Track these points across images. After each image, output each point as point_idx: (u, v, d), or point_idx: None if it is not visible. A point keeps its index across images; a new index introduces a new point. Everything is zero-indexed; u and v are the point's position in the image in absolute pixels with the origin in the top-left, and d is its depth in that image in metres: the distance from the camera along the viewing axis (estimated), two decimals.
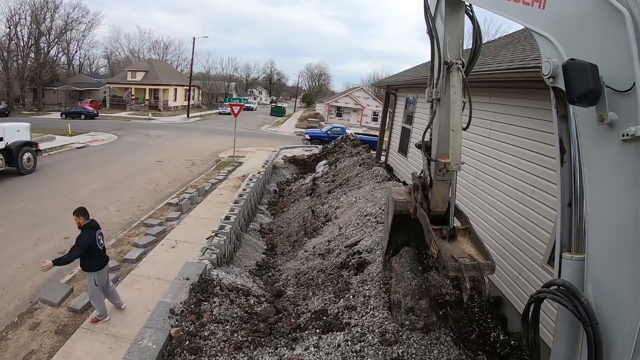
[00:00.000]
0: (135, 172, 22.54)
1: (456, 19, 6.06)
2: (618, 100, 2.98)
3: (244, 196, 16.57)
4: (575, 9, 3.41)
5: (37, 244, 12.43)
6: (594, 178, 3.31)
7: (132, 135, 37.82)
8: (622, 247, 3.04)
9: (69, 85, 72.82)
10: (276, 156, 29.57)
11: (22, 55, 65.10)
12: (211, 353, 6.56)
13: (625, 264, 3.01)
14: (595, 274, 3.28)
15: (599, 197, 3.28)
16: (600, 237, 3.26)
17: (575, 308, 3.20)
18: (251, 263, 12.47)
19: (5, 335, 8.14)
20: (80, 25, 78.89)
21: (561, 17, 3.58)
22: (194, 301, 8.01)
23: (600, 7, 3.13)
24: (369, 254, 9.76)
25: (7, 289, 9.81)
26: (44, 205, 16.11)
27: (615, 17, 2.99)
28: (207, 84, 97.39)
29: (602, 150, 3.18)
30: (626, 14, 2.91)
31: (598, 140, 3.21)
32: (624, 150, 2.96)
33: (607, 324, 3.09)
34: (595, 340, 3.04)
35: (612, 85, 3.00)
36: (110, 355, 7.38)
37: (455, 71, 5.86)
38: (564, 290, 3.38)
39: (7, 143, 19.78)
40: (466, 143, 10.06)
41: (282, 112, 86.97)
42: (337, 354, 6.16)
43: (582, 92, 3.00)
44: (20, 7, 63.67)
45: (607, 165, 3.17)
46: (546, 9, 3.71)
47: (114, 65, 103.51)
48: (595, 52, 3.17)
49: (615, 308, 3.07)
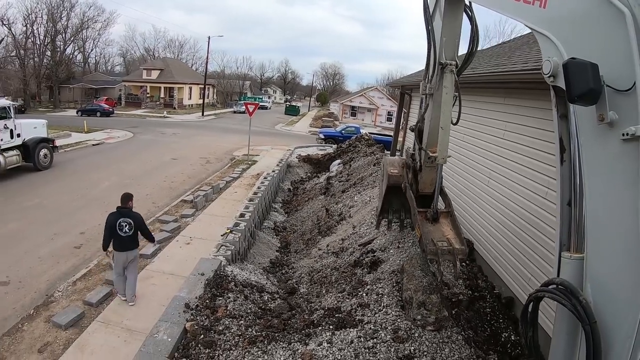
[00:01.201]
0: (151, 169, 22.78)
1: (455, 17, 6.27)
2: (618, 99, 3.01)
3: (259, 194, 16.68)
4: (576, 8, 3.44)
5: (54, 238, 12.63)
6: (593, 177, 3.34)
7: (147, 133, 38.20)
8: (622, 246, 3.06)
9: (84, 83, 73.67)
10: (290, 155, 29.67)
11: (38, 53, 66.09)
12: (225, 347, 6.66)
13: (624, 263, 3.04)
14: (594, 273, 3.32)
15: (599, 196, 3.30)
16: (600, 236, 3.30)
17: (574, 307, 3.24)
18: (265, 260, 12.56)
19: (21, 327, 8.30)
20: (96, 23, 79.75)
21: (562, 16, 3.61)
22: (209, 296, 8.14)
23: (601, 7, 3.15)
24: (383, 252, 9.83)
25: (23, 282, 9.99)
26: (60, 201, 16.36)
27: (616, 16, 3.02)
28: (222, 83, 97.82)
29: (602, 149, 3.21)
30: (627, 14, 2.93)
31: (598, 139, 3.24)
32: (624, 149, 2.98)
33: (606, 323, 3.12)
34: (593, 339, 3.08)
35: (613, 84, 3.03)
36: (125, 348, 7.49)
37: (449, 73, 6.20)
38: (563, 290, 3.41)
39: (24, 139, 20.11)
40: (480, 143, 10.09)
41: (297, 111, 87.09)
42: (349, 350, 6.23)
43: (583, 91, 3.03)
44: (36, 6, 64.70)
45: (607, 164, 3.19)
46: (547, 8, 3.74)
47: (130, 63, 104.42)
48: (595, 51, 3.19)
49: (614, 307, 3.11)
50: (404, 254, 9.16)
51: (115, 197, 16.67)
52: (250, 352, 6.47)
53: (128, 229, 8.67)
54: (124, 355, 7.18)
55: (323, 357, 6.18)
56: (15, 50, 62.29)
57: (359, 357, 6.09)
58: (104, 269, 10.54)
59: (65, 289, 9.65)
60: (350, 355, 6.13)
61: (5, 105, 19.03)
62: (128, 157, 25.98)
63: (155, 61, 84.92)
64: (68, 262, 11.18)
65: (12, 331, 8.17)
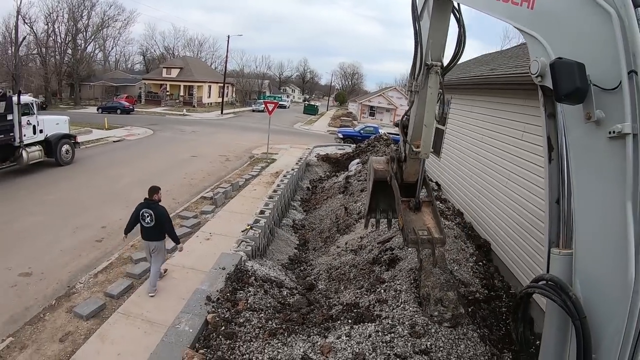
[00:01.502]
0: (171, 166, 23.01)
1: (442, 19, 6.32)
2: (605, 98, 3.07)
3: (279, 192, 16.74)
4: (563, 9, 3.49)
5: (75, 231, 12.83)
6: (581, 174, 3.40)
7: (167, 130, 38.65)
8: (610, 242, 3.09)
9: (105, 81, 74.70)
10: (309, 154, 29.71)
11: (59, 51, 67.33)
12: (246, 338, 6.74)
13: (613, 259, 3.06)
14: (583, 268, 3.34)
15: (587, 193, 3.36)
16: (588, 233, 3.33)
17: (564, 303, 3.26)
18: (283, 257, 12.61)
19: (42, 317, 8.45)
20: (117, 22, 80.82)
21: (549, 16, 3.66)
22: (230, 290, 8.25)
23: (588, 7, 3.22)
24: (401, 250, 9.91)
25: (45, 273, 10.16)
26: (82, 196, 16.64)
27: (602, 16, 3.09)
28: (241, 82, 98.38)
29: (589, 148, 3.27)
30: (613, 14, 3.00)
31: (585, 137, 3.30)
32: (611, 147, 3.04)
33: (596, 318, 3.14)
34: (584, 334, 3.11)
35: (599, 83, 3.08)
36: (145, 339, 7.58)
37: (434, 74, 6.38)
38: (553, 285, 3.43)
39: (47, 135, 20.56)
40: (498, 144, 10.04)
41: (315, 111, 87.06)
42: (367, 344, 6.33)
43: (569, 90, 3.10)
44: (58, 5, 66.02)
45: (595, 162, 3.25)
46: (535, 9, 3.80)
47: (149, 62, 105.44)
48: (582, 51, 3.25)
49: (603, 302, 3.13)
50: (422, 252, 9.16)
51: (136, 193, 16.97)
52: (270, 344, 6.56)
53: (149, 220, 8.84)
54: (144, 346, 7.26)
55: (342, 350, 6.28)
56: (37, 48, 63.52)
57: (377, 350, 6.17)
58: (125, 262, 10.69)
59: (86, 280, 9.79)
60: (368, 349, 6.23)
61: (28, 101, 19.43)
62: (148, 154, 26.34)
63: (175, 60, 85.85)
64: (90, 255, 11.35)
65: (34, 320, 8.32)
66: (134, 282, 9.64)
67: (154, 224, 8.86)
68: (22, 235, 12.34)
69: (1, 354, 7.24)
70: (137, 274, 9.91)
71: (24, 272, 10.12)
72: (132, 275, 9.91)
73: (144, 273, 9.97)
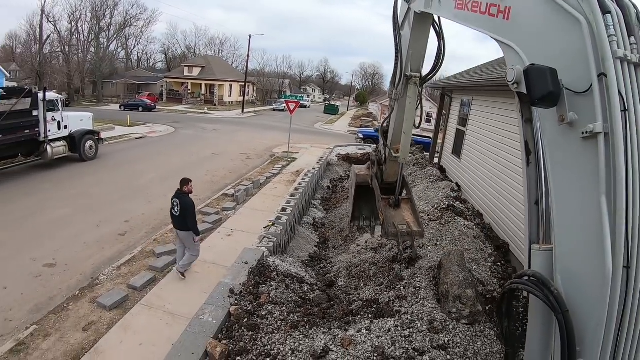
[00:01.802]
0: (192, 163, 23.23)
1: (422, 32, 6.69)
2: (577, 101, 3.26)
3: (300, 190, 16.82)
4: (537, 18, 3.69)
5: (99, 225, 13.05)
6: (557, 174, 3.54)
7: (188, 128, 39.05)
8: (587, 237, 3.21)
9: (127, 79, 75.89)
10: (330, 153, 29.75)
11: (82, 50, 68.78)
12: (268, 330, 6.85)
13: (590, 253, 3.16)
14: (563, 263, 3.44)
15: (563, 191, 3.50)
16: (566, 229, 3.44)
17: (546, 297, 3.35)
18: (304, 254, 12.68)
19: (66, 307, 8.62)
20: (139, 21, 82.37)
21: (524, 26, 3.86)
22: (253, 283, 8.40)
23: (559, 15, 3.42)
24: (421, 249, 10.02)
25: (69, 265, 10.37)
26: (105, 191, 16.90)
27: (572, 24, 3.29)
28: (262, 81, 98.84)
29: (564, 149, 3.43)
30: (582, 21, 3.20)
31: (560, 139, 3.46)
32: (585, 146, 3.22)
33: (578, 311, 3.22)
34: (567, 327, 3.18)
35: (571, 87, 3.28)
36: (167, 330, 7.69)
37: (413, 85, 6.90)
38: (535, 281, 3.52)
39: (71, 131, 21.03)
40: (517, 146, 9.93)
41: (336, 111, 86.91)
42: (387, 338, 6.46)
43: (543, 94, 3.29)
44: (81, 4, 67.74)
45: (570, 161, 3.41)
46: (510, 20, 4.00)
47: (171, 60, 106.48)
48: (555, 57, 3.45)
49: (584, 295, 3.21)
50: (441, 251, 9.45)
51: (158, 189, 17.28)
52: (292, 336, 6.67)
53: (177, 209, 9.15)
54: (166, 337, 7.37)
55: (362, 343, 6.40)
56: (61, 46, 64.85)
57: (396, 344, 6.30)
58: (147, 255, 10.84)
59: (110, 272, 9.95)
60: (387, 342, 6.36)
61: (53, 98, 19.89)
62: (170, 151, 26.63)
63: (197, 58, 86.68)
64: (113, 248, 11.54)
65: (58, 310, 8.49)
66: (156, 274, 9.78)
67: (179, 214, 9.12)
68: (47, 227, 12.61)
69: (25, 341, 7.40)
70: (160, 267, 10.05)
71: (49, 263, 10.33)
72: (154, 268, 10.05)
73: (166, 266, 10.12)
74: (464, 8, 4.81)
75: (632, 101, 3.11)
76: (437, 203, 12.97)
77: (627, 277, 3.04)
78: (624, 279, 3.03)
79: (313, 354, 6.17)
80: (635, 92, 3.16)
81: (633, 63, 3.18)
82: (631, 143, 3.04)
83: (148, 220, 13.76)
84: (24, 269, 9.98)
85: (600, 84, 3.09)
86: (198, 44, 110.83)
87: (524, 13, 3.84)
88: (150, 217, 14.14)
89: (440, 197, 13.57)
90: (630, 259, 3.03)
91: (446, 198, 13.35)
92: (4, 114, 16.49)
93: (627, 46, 3.18)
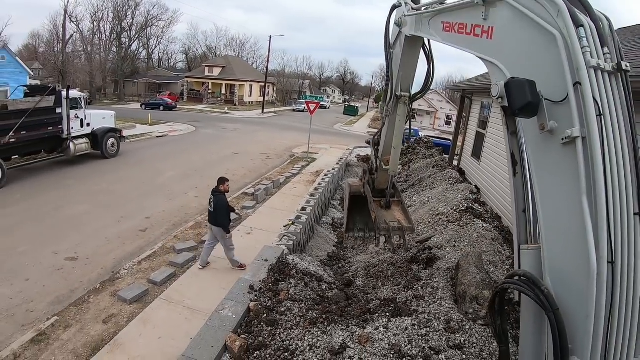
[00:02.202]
0: (213, 162, 23.46)
1: (413, 54, 7.05)
2: (556, 110, 3.47)
3: (320, 190, 16.86)
4: (516, 35, 3.96)
5: (120, 221, 13.27)
6: (542, 179, 3.73)
7: (209, 127, 39.40)
8: (572, 236, 3.35)
9: (148, 78, 76.79)
10: (350, 154, 29.74)
11: (104, 49, 69.93)
12: (287, 326, 6.92)
13: (575, 253, 3.30)
14: (552, 264, 3.58)
15: (548, 194, 3.68)
16: (553, 231, 3.59)
17: (537, 296, 3.45)
18: (322, 254, 12.72)
19: (87, 299, 8.81)
20: (160, 22, 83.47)
21: (505, 44, 4.12)
22: (272, 280, 8.49)
23: (536, 31, 3.68)
24: (439, 250, 10.10)
25: (91, 259, 10.57)
26: (126, 188, 17.19)
27: (548, 38, 3.53)
28: (282, 81, 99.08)
29: (547, 154, 3.64)
30: (557, 35, 3.43)
31: (543, 147, 3.66)
32: (565, 151, 3.41)
33: (568, 309, 3.32)
34: (558, 325, 3.27)
35: (550, 97, 3.50)
36: (186, 325, 7.82)
37: (402, 104, 7.34)
38: (526, 280, 3.62)
39: (93, 129, 21.46)
40: None
41: (355, 112, 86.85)
42: (404, 336, 6.52)
43: (522, 104, 3.49)
44: (103, 4, 68.96)
45: (553, 166, 3.59)
46: (493, 39, 4.27)
47: (192, 60, 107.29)
48: (534, 70, 3.69)
49: (573, 293, 3.33)
50: (459, 253, 9.51)
51: (179, 186, 17.49)
52: (310, 332, 6.74)
53: (212, 206, 9.76)
54: (185, 331, 7.51)
55: (379, 340, 6.46)
56: (83, 45, 65.96)
57: (412, 343, 6.35)
58: (168, 251, 11.01)
59: (130, 267, 10.13)
60: (404, 341, 6.42)
61: (76, 96, 20.36)
62: (191, 150, 26.89)
63: (217, 58, 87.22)
64: (134, 243, 11.73)
65: (79, 302, 8.70)
66: (176, 270, 9.93)
67: (213, 210, 9.63)
68: (69, 222, 12.87)
69: (46, 332, 7.61)
70: (180, 264, 10.20)
71: (70, 257, 10.55)
72: (174, 264, 10.20)
73: (186, 262, 10.28)
74: (452, 30, 5.13)
75: (607, 106, 3.33)
76: (456, 205, 12.96)
77: (612, 272, 3.18)
78: (609, 274, 3.16)
79: (331, 350, 6.23)
80: (610, 97, 3.38)
81: (607, 71, 3.40)
82: (607, 145, 3.25)
83: (168, 217, 13.95)
84: (46, 262, 10.22)
85: (576, 92, 3.30)
86: (218, 44, 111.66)
87: (504, 31, 4.13)
88: (171, 214, 14.33)
89: (459, 199, 13.53)
90: (614, 254, 3.18)
91: (465, 200, 13.32)
92: (28, 111, 16.89)
93: (601, 56, 3.40)
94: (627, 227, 3.27)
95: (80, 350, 7.17)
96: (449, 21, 5.18)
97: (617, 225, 3.21)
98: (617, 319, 3.23)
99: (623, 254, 3.22)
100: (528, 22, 3.76)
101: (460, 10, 4.88)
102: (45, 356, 7.00)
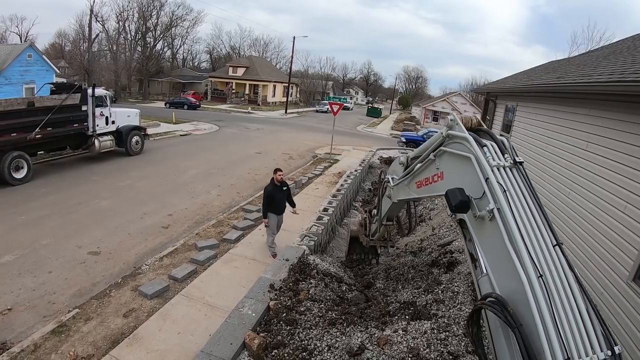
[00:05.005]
0: (235, 161, 23.62)
1: (400, 206, 9.52)
2: (480, 203, 4.81)
3: (342, 191, 16.87)
4: (454, 166, 5.78)
5: (143, 217, 13.43)
6: (485, 247, 4.86)
7: (232, 127, 39.66)
8: (508, 271, 4.28)
9: (172, 77, 77.67)
10: (372, 156, 29.64)
11: (129, 49, 71.15)
12: (306, 326, 6.96)
13: (514, 279, 4.11)
14: (502, 290, 4.42)
15: (491, 258, 4.74)
16: (497, 272, 4.60)
17: (505, 316, 3.99)
18: (343, 255, 12.72)
19: (108, 293, 8.92)
20: (185, 22, 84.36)
21: (449, 176, 5.98)
22: (293, 280, 8.55)
23: (462, 159, 5.38)
24: (460, 254, 10.09)
25: (113, 254, 10.70)
26: (150, 184, 17.39)
27: (467, 161, 5.19)
28: (305, 82, 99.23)
29: (484, 234, 4.84)
30: (471, 157, 5.06)
31: (481, 230, 4.91)
32: (493, 225, 4.58)
33: (528, 325, 3.82)
34: (522, 339, 3.75)
35: (475, 196, 4.92)
36: (205, 321, 7.86)
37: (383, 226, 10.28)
38: (495, 301, 4.21)
39: (118, 126, 21.84)
40: (562, 154, 9.98)
41: (379, 114, 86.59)
42: (422, 339, 6.61)
43: (456, 203, 4.93)
44: (128, 4, 70.15)
45: (489, 237, 4.73)
46: (445, 178, 6.13)
47: (216, 60, 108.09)
48: (464, 182, 5.22)
49: (523, 310, 3.93)
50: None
51: (202, 184, 17.63)
52: (329, 332, 6.78)
53: None
54: (204, 328, 7.57)
55: (397, 343, 6.53)
56: (108, 45, 67.09)
57: (431, 346, 6.42)
58: (189, 248, 11.08)
59: (152, 263, 10.22)
60: (422, 344, 6.48)
61: (102, 94, 20.68)
62: (214, 149, 27.11)
63: (241, 59, 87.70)
64: (156, 239, 11.84)
65: (100, 296, 8.81)
66: (197, 267, 9.98)
67: None
68: (93, 217, 13.07)
69: (67, 323, 7.72)
70: (201, 261, 10.24)
71: (93, 251, 10.69)
72: (196, 261, 10.25)
73: (207, 260, 10.33)
74: (422, 185, 7.04)
75: (510, 185, 4.66)
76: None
77: (545, 284, 3.90)
78: (542, 285, 3.87)
79: (349, 351, 6.26)
80: (513, 180, 4.76)
81: (507, 166, 4.85)
82: (516, 206, 4.46)
83: (191, 215, 14.05)
84: (69, 255, 10.39)
85: (487, 185, 4.69)
86: (242, 45, 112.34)
87: (448, 168, 6.03)
88: (193, 211, 14.44)
89: None
90: (542, 269, 3.99)
91: None
92: (54, 108, 17.21)
93: (502, 159, 4.90)
94: (549, 253, 4.21)
95: (99, 343, 7.25)
96: (419, 180, 7.13)
97: (539, 252, 4.16)
98: (564, 322, 3.73)
99: (551, 269, 4.06)
100: (457, 156, 5.58)
101: (425, 170, 6.85)
102: (65, 347, 7.09)
